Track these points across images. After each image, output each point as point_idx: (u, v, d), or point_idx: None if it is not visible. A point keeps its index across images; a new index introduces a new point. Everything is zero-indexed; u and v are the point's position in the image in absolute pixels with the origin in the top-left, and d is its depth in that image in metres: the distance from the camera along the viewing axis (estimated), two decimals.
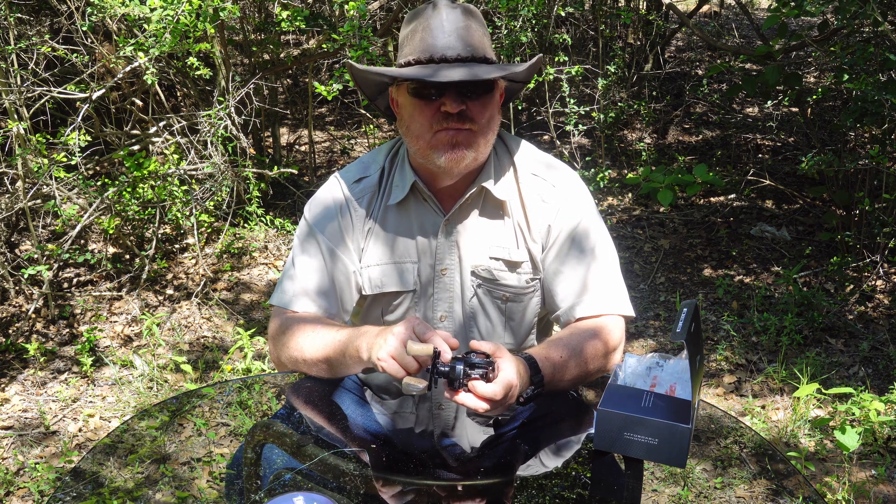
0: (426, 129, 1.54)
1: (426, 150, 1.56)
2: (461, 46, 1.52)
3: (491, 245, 1.67)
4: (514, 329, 1.72)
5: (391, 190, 1.68)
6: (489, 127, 1.57)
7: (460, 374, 1.32)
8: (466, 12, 1.56)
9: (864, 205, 3.84)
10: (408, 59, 1.55)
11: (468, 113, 1.53)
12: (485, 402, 1.33)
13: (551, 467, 1.50)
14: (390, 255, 1.68)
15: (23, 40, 3.65)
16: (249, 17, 4.64)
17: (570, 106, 4.53)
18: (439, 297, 1.69)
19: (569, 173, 1.71)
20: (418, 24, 1.56)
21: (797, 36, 4.16)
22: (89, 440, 2.96)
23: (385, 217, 1.68)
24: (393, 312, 1.72)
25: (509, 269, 1.67)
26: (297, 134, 5.80)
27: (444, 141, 1.54)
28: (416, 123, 1.56)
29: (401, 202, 1.66)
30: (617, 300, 1.66)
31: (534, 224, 1.66)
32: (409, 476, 1.47)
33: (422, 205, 1.67)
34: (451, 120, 1.52)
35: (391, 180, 1.69)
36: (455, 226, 1.66)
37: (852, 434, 2.60)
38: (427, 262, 1.68)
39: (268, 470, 1.46)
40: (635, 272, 4.25)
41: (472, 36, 1.54)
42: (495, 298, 1.69)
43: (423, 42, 1.53)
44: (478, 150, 1.57)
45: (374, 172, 1.70)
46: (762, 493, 1.39)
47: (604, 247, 1.68)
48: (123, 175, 3.88)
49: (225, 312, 3.82)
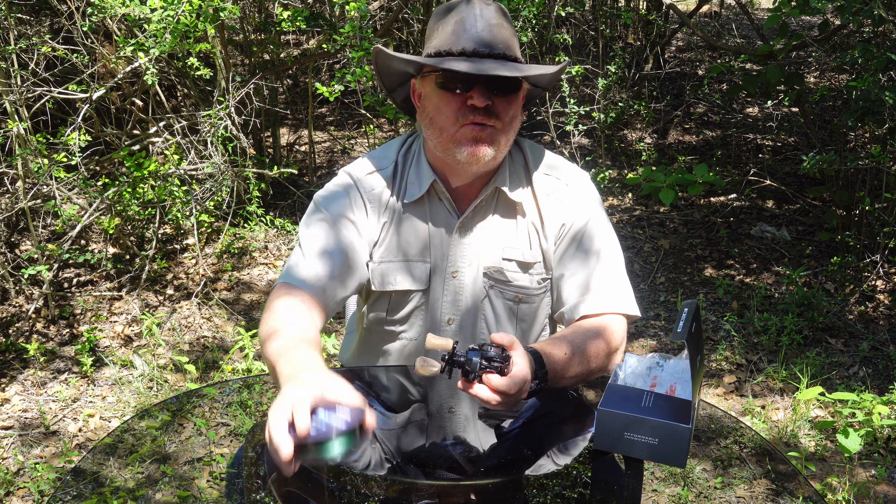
0: (451, 121, 1.53)
1: (448, 144, 1.55)
2: (493, 42, 1.51)
3: (504, 246, 1.66)
4: (524, 330, 1.72)
5: (406, 187, 1.65)
6: (511, 126, 1.56)
7: (476, 365, 1.31)
8: (500, 11, 1.55)
9: (865, 205, 3.84)
10: (438, 50, 1.53)
11: (494, 108, 1.51)
12: (497, 396, 1.33)
13: (551, 467, 1.49)
14: (403, 252, 1.66)
15: (23, 40, 3.65)
16: (250, 17, 4.64)
17: (570, 106, 4.53)
18: (448, 300, 1.68)
19: (580, 172, 1.71)
20: (450, 17, 1.54)
21: (798, 36, 4.16)
22: (89, 440, 2.96)
23: (400, 214, 1.65)
24: (399, 311, 1.71)
25: (522, 269, 1.67)
26: (297, 134, 5.80)
27: (467, 136, 1.52)
28: (441, 115, 1.54)
29: (416, 200, 1.64)
30: (621, 299, 1.66)
31: (548, 223, 1.65)
32: (410, 476, 1.47)
33: (437, 204, 1.65)
34: (477, 114, 1.50)
35: (406, 177, 1.66)
36: (469, 227, 1.65)
37: (854, 437, 2.59)
38: (439, 262, 1.66)
39: (268, 470, 1.46)
40: (635, 272, 4.25)
41: (504, 34, 1.53)
42: (507, 300, 1.69)
43: (454, 34, 1.51)
44: (498, 148, 1.55)
45: (388, 166, 1.67)
46: (762, 494, 1.39)
47: (610, 246, 1.68)
48: (123, 175, 3.89)
49: (225, 312, 3.82)
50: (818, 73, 6.41)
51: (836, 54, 4.54)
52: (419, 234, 1.66)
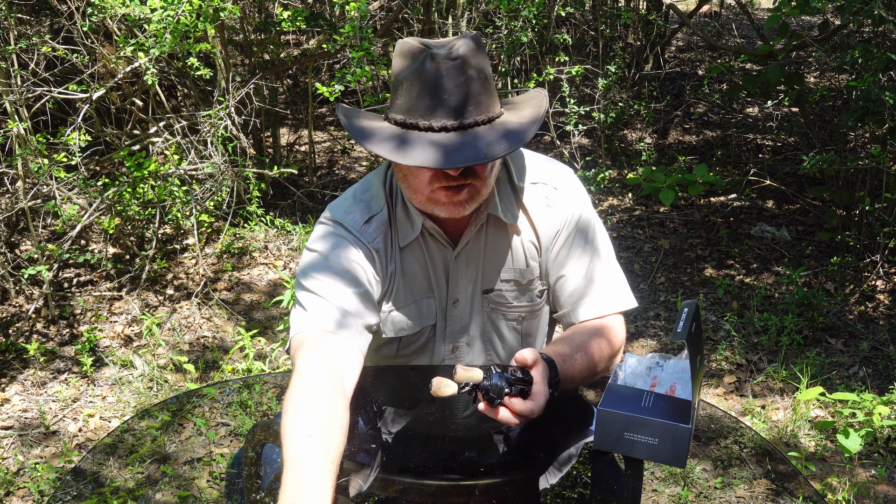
0: (424, 185, 1.46)
1: (425, 203, 1.49)
2: (461, 110, 1.40)
3: (501, 268, 1.64)
4: (530, 344, 1.73)
5: (399, 229, 1.60)
6: (492, 174, 1.50)
7: (501, 390, 1.28)
8: (467, 59, 1.40)
9: (865, 205, 3.83)
10: (403, 119, 1.42)
11: (470, 170, 1.44)
12: (520, 419, 1.31)
13: (551, 467, 1.49)
14: (411, 294, 1.64)
15: (23, 40, 3.65)
16: (250, 17, 4.64)
17: (570, 106, 4.53)
18: (451, 329, 1.68)
19: (564, 171, 1.68)
20: (413, 76, 1.41)
21: (798, 36, 4.16)
22: (89, 440, 2.96)
23: (401, 258, 1.62)
24: (410, 347, 1.71)
25: (520, 291, 1.66)
26: (297, 134, 5.80)
27: (444, 199, 1.47)
28: (414, 179, 1.47)
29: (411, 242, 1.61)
30: (619, 297, 1.65)
31: (543, 233, 1.64)
32: (410, 476, 1.47)
33: (430, 240, 1.62)
34: (450, 179, 1.44)
35: (397, 219, 1.60)
36: (464, 256, 1.64)
37: (855, 437, 2.59)
38: (441, 294, 1.66)
39: (268, 470, 1.46)
40: (635, 272, 4.25)
41: (474, 92, 1.41)
42: (509, 321, 1.69)
43: (420, 99, 1.40)
44: (480, 198, 1.50)
45: (381, 209, 1.58)
46: (762, 494, 1.39)
47: (602, 242, 1.67)
48: (123, 175, 3.89)
49: (225, 312, 3.82)
50: (818, 73, 6.41)
51: (836, 54, 4.55)
52: (421, 273, 1.64)
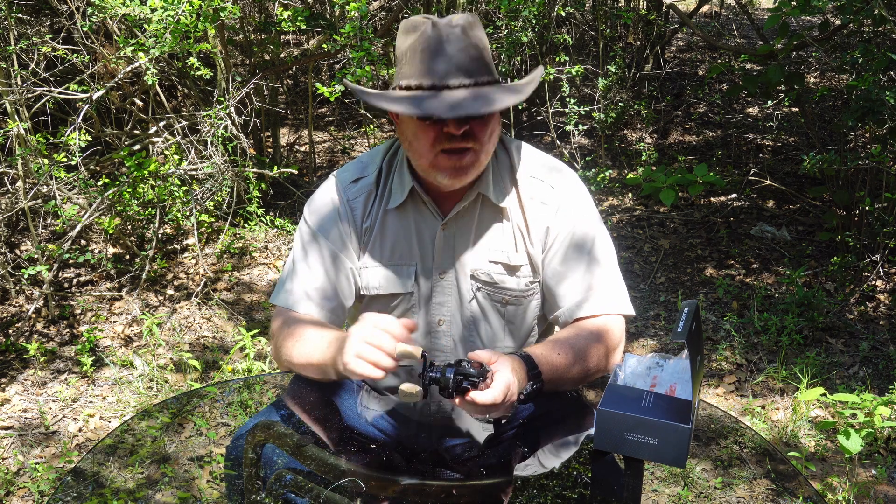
0: (428, 148, 1.54)
1: (428, 168, 1.57)
2: (464, 70, 1.50)
3: (490, 249, 1.67)
4: (513, 332, 1.72)
5: (390, 193, 1.68)
6: (491, 141, 1.57)
7: (450, 382, 1.32)
8: (466, 28, 1.52)
9: (865, 205, 3.83)
10: (409, 83, 1.53)
11: (471, 131, 1.52)
12: (483, 408, 1.34)
13: (551, 467, 1.49)
14: (389, 257, 1.68)
15: (23, 40, 3.65)
16: (250, 17, 4.64)
17: (570, 106, 4.53)
18: (439, 301, 1.69)
19: (568, 174, 1.70)
20: (417, 43, 1.52)
21: (798, 36, 4.16)
22: (89, 440, 2.96)
23: (384, 219, 1.68)
24: (391, 312, 1.72)
25: (508, 272, 1.67)
26: (297, 134, 5.80)
27: (446, 164, 1.55)
28: (418, 142, 1.56)
29: (400, 205, 1.67)
30: (617, 300, 1.66)
31: (533, 227, 1.66)
32: (409, 476, 1.47)
33: (420, 208, 1.67)
34: (454, 140, 1.52)
35: (390, 182, 1.69)
36: (453, 230, 1.66)
37: (855, 438, 2.59)
38: (426, 265, 1.68)
39: (268, 469, 1.46)
40: (635, 272, 4.25)
41: (474, 55, 1.52)
42: (495, 302, 1.69)
43: (423, 64, 1.51)
44: (480, 166, 1.58)
45: (372, 173, 1.70)
46: (762, 494, 1.39)
47: (603, 246, 1.67)
48: (124, 175, 3.89)
49: (225, 312, 3.82)
50: (818, 73, 6.41)
51: (836, 54, 4.54)
52: (403, 238, 1.68)
